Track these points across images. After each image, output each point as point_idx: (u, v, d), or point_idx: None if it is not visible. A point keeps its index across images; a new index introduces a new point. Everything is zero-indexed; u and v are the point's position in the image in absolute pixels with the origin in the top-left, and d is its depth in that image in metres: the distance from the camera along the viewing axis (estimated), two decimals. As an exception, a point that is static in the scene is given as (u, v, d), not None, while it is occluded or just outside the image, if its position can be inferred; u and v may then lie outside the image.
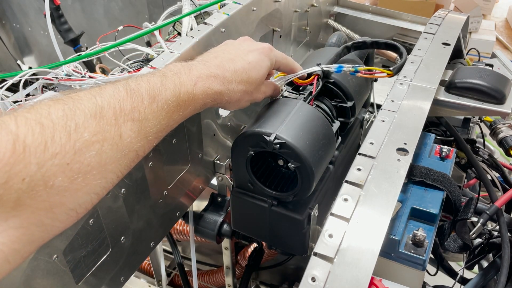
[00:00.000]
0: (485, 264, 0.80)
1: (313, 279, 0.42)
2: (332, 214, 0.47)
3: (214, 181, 0.86)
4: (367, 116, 0.87)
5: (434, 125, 0.86)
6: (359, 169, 0.52)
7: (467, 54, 1.01)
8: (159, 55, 0.68)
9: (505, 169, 0.84)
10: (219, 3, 0.82)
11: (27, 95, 0.64)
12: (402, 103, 0.65)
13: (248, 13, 0.84)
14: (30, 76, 0.62)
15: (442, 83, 0.73)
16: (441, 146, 0.69)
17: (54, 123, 0.36)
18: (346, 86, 0.70)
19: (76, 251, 0.56)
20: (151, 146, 0.47)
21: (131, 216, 0.64)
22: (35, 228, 0.35)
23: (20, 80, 0.61)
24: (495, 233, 0.68)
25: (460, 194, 0.63)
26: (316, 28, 1.22)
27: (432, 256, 0.78)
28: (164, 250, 1.21)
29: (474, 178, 0.96)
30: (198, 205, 0.88)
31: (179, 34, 0.82)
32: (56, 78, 0.63)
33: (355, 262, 0.43)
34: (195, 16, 0.80)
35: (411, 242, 0.54)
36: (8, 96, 0.63)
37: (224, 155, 0.85)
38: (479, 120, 0.93)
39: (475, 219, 0.64)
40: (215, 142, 0.82)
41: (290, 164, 0.56)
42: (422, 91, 0.68)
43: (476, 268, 0.81)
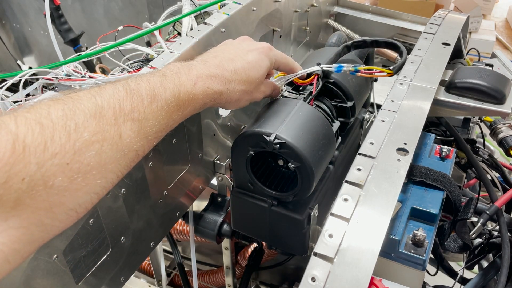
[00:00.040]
0: (485, 264, 0.80)
1: (313, 279, 0.42)
2: (332, 214, 0.47)
3: (214, 181, 0.86)
4: (367, 116, 0.87)
5: (434, 125, 0.86)
6: (359, 169, 0.53)
7: (467, 54, 1.01)
8: (159, 55, 0.68)
9: (505, 169, 0.84)
10: (219, 3, 0.82)
11: (27, 95, 0.64)
12: (402, 103, 0.65)
13: (248, 13, 0.84)
14: (30, 76, 0.62)
15: (442, 83, 0.73)
16: (441, 146, 0.69)
17: (54, 123, 0.36)
18: (346, 86, 0.70)
19: (76, 251, 0.55)
20: (151, 146, 0.47)
21: (131, 216, 0.64)
22: (35, 228, 0.35)
23: (20, 80, 0.61)
24: (495, 233, 0.68)
25: (460, 194, 0.63)
26: (316, 28, 1.22)
27: (432, 256, 0.78)
28: (164, 250, 1.21)
29: (474, 178, 0.96)
30: (198, 205, 0.88)
31: (179, 34, 0.82)
32: (56, 78, 0.63)
33: (355, 262, 0.43)
34: (195, 16, 0.80)
35: (411, 242, 0.54)
36: (8, 96, 0.63)
37: (224, 155, 0.85)
38: (479, 120, 0.93)
39: (475, 219, 0.64)
40: (215, 142, 0.82)
41: (290, 164, 0.56)
42: (422, 91, 0.68)
43: (476, 268, 0.81)
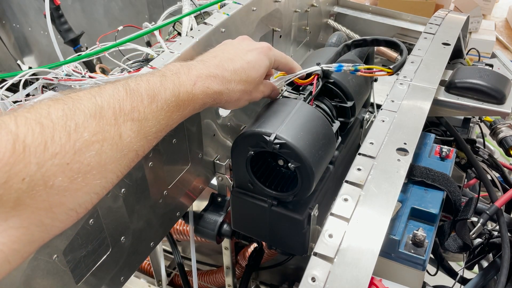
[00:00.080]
0: (485, 264, 0.80)
1: (313, 279, 0.42)
2: (332, 214, 0.47)
3: (214, 181, 0.86)
4: (367, 116, 0.87)
5: (434, 125, 0.86)
6: (359, 169, 0.53)
7: (467, 54, 1.01)
8: (159, 55, 0.68)
9: (505, 169, 0.84)
10: (219, 3, 0.82)
11: (27, 95, 0.64)
12: (402, 103, 0.65)
13: (248, 13, 0.84)
14: (30, 76, 0.62)
15: (442, 83, 0.73)
16: (441, 146, 0.69)
17: (54, 123, 0.36)
18: (346, 86, 0.70)
19: (76, 251, 0.55)
20: (151, 146, 0.47)
21: (131, 216, 0.64)
22: (35, 228, 0.35)
23: (20, 80, 0.61)
24: (495, 233, 0.68)
25: (460, 194, 0.63)
26: (316, 28, 1.22)
27: (432, 256, 0.78)
28: (164, 250, 1.21)
29: (474, 178, 0.96)
30: (198, 205, 0.88)
31: (179, 34, 0.82)
32: (56, 78, 0.63)
33: (355, 262, 0.43)
34: (195, 16, 0.80)
35: (411, 242, 0.54)
36: (8, 96, 0.63)
37: (224, 155, 0.85)
38: (479, 120, 0.93)
39: (475, 219, 0.64)
40: (215, 142, 0.82)
41: (290, 164, 0.56)
42: (422, 91, 0.68)
43: (476, 268, 0.81)
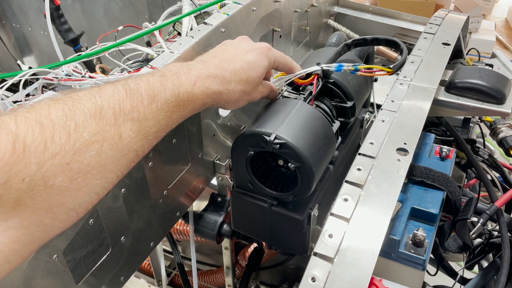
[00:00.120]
0: (485, 264, 0.80)
1: (313, 279, 0.42)
2: (332, 214, 0.47)
3: (214, 181, 0.86)
4: (367, 116, 0.87)
5: (434, 125, 0.86)
6: (359, 169, 0.53)
7: (467, 54, 1.01)
8: (159, 55, 0.68)
9: (505, 169, 0.84)
10: (219, 3, 0.82)
11: (27, 95, 0.64)
12: (402, 103, 0.65)
13: (248, 13, 0.84)
14: (30, 76, 0.62)
15: (442, 83, 0.73)
16: (441, 146, 0.69)
17: (54, 123, 0.36)
18: (346, 86, 0.70)
19: (76, 251, 0.55)
20: (151, 146, 0.47)
21: (131, 216, 0.64)
22: (35, 228, 0.35)
23: (20, 80, 0.61)
24: (495, 233, 0.68)
25: (460, 194, 0.63)
26: (316, 28, 1.22)
27: (432, 256, 0.78)
28: (164, 250, 1.21)
29: (474, 178, 0.96)
30: (198, 205, 0.88)
31: (179, 34, 0.82)
32: (56, 78, 0.63)
33: (355, 262, 0.43)
34: (195, 16, 0.80)
35: (411, 242, 0.54)
36: (8, 96, 0.63)
37: (224, 155, 0.85)
38: (479, 120, 0.93)
39: (475, 219, 0.64)
40: (215, 142, 0.82)
41: (290, 164, 0.56)
42: (422, 91, 0.68)
43: (476, 268, 0.81)
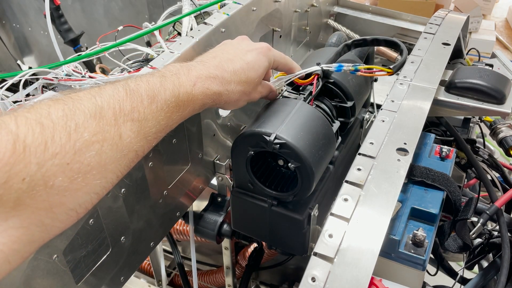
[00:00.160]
0: (485, 264, 0.80)
1: (313, 279, 0.42)
2: (332, 214, 0.47)
3: (214, 181, 0.86)
4: (367, 116, 0.87)
5: (434, 125, 0.86)
6: (359, 169, 0.53)
7: (467, 54, 1.01)
8: (159, 55, 0.68)
9: (505, 169, 0.84)
10: (219, 3, 0.82)
11: (27, 95, 0.64)
12: (402, 103, 0.65)
13: (248, 13, 0.84)
14: (30, 76, 0.62)
15: (442, 83, 0.73)
16: (441, 146, 0.69)
17: (54, 123, 0.36)
18: (346, 86, 0.70)
19: (76, 251, 0.56)
20: (151, 146, 0.47)
21: (131, 216, 0.64)
22: (35, 228, 0.35)
23: (20, 80, 0.61)
24: (495, 233, 0.68)
25: (460, 194, 0.63)
26: (316, 28, 1.22)
27: (432, 256, 0.78)
28: (164, 250, 1.21)
29: (474, 178, 0.96)
30: (198, 205, 0.88)
31: (179, 34, 0.82)
32: (56, 78, 0.63)
33: (355, 262, 0.43)
34: (195, 16, 0.80)
35: (411, 242, 0.54)
36: (8, 96, 0.63)
37: (224, 155, 0.85)
38: (479, 120, 0.93)
39: (475, 219, 0.64)
40: (215, 142, 0.82)
41: (290, 164, 0.56)
42: (422, 91, 0.68)
43: (476, 268, 0.81)
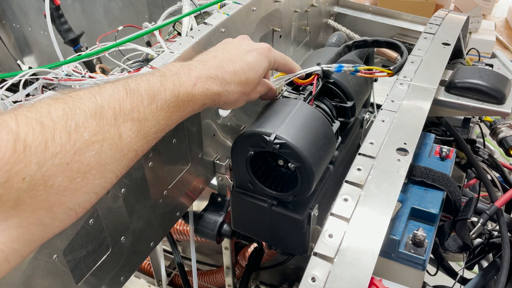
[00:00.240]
0: (485, 264, 0.80)
1: (313, 279, 0.42)
2: (332, 214, 0.47)
3: (214, 181, 0.86)
4: (367, 116, 0.87)
5: (434, 125, 0.86)
6: (359, 169, 0.52)
7: (467, 54, 1.01)
8: (159, 55, 0.68)
9: (505, 169, 0.84)
10: (219, 3, 0.82)
11: (27, 95, 0.64)
12: (402, 103, 0.65)
13: (248, 13, 0.84)
14: (30, 76, 0.62)
15: (442, 83, 0.73)
16: (441, 146, 0.69)
17: (55, 122, 0.36)
18: (346, 86, 0.70)
19: (76, 251, 0.55)
20: (150, 146, 0.47)
21: (131, 216, 0.64)
22: (34, 228, 0.35)
23: (20, 80, 0.61)
24: (495, 233, 0.68)
25: (460, 194, 0.63)
26: (316, 28, 1.22)
27: (432, 256, 0.78)
28: (164, 250, 1.21)
29: (474, 178, 0.96)
30: (198, 205, 0.88)
31: (179, 34, 0.82)
32: (56, 78, 0.63)
33: (355, 262, 0.43)
34: (195, 16, 0.80)
35: (411, 242, 0.54)
36: (8, 96, 0.63)
37: (224, 155, 0.85)
38: (479, 120, 0.93)
39: (475, 219, 0.64)
40: (215, 142, 0.82)
41: (290, 164, 0.56)
42: (422, 91, 0.68)
43: (476, 268, 0.81)
